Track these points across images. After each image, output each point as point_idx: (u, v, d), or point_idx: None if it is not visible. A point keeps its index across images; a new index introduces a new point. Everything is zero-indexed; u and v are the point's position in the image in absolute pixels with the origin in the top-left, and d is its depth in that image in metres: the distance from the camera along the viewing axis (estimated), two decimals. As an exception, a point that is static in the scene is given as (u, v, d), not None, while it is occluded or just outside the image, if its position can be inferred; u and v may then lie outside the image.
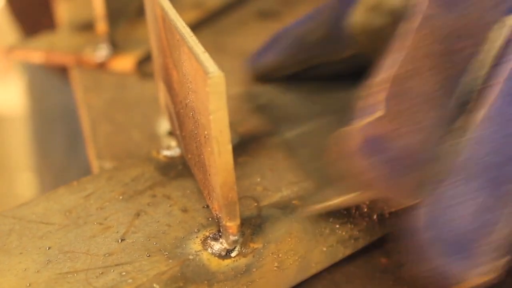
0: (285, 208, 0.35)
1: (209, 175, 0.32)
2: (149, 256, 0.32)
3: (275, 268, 0.33)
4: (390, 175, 0.31)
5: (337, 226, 0.35)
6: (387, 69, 0.33)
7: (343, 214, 0.35)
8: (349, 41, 0.43)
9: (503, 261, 0.30)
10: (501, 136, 0.30)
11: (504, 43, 0.33)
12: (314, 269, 0.35)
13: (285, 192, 0.36)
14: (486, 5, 0.33)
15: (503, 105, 0.31)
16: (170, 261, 0.32)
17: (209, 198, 0.33)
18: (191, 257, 0.32)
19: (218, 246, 0.33)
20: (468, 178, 0.30)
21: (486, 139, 0.31)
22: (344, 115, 0.40)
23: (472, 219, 0.30)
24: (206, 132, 0.30)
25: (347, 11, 0.42)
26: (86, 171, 0.49)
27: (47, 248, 0.33)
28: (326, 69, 0.45)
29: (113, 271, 0.31)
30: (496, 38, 0.32)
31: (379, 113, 0.31)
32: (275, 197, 0.36)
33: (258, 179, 0.37)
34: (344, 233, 0.35)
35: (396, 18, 0.43)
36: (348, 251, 0.36)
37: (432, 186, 0.31)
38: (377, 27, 0.41)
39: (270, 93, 0.46)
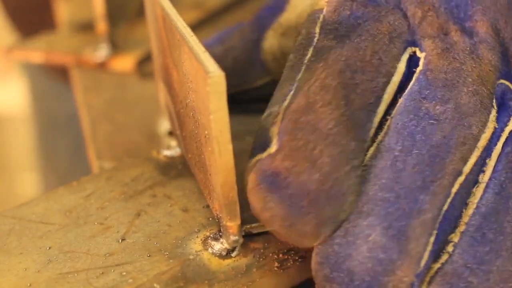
0: None
1: (210, 175, 0.32)
2: (149, 256, 0.32)
3: (275, 268, 0.33)
4: (286, 216, 0.29)
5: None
6: (279, 103, 0.32)
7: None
8: (261, 69, 0.41)
9: None
10: (389, 172, 0.30)
11: (402, 78, 0.32)
12: (314, 269, 0.35)
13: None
14: (380, 40, 0.32)
15: (392, 141, 0.30)
16: (171, 261, 0.32)
17: (210, 198, 0.33)
18: (191, 257, 0.32)
19: (218, 246, 0.32)
20: (359, 217, 0.29)
21: (377, 175, 0.30)
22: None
23: (364, 259, 0.29)
24: (206, 132, 0.30)
25: (257, 38, 0.40)
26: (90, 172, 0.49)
27: (47, 248, 0.33)
28: (242, 95, 0.43)
29: (114, 271, 0.31)
30: (395, 73, 0.32)
31: (272, 149, 0.30)
32: None
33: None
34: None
35: None
36: (348, 251, 0.36)
37: (330, 226, 0.29)
38: (289, 53, 0.38)
39: None
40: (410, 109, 0.31)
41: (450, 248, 0.30)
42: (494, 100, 0.32)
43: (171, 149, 0.40)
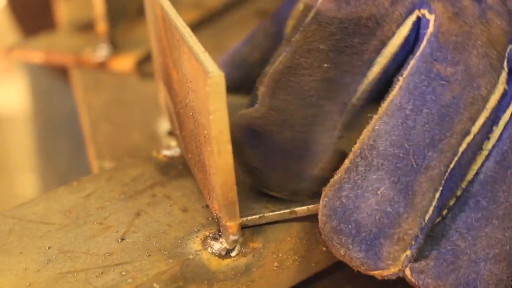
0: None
1: (209, 175, 0.32)
2: (149, 255, 0.32)
3: (275, 268, 0.33)
4: (258, 165, 0.32)
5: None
6: (272, 63, 0.34)
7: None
8: None
9: (405, 254, 0.29)
10: (400, 129, 0.31)
11: (403, 40, 0.33)
12: (314, 268, 0.35)
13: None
14: (380, 3, 0.33)
15: (403, 101, 0.32)
16: (170, 260, 0.32)
17: (209, 198, 0.33)
18: (191, 256, 0.32)
19: (218, 246, 0.33)
20: (368, 170, 0.30)
21: (388, 132, 0.31)
22: None
23: (372, 211, 0.30)
24: (206, 132, 0.30)
25: (279, 30, 0.41)
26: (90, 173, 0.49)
27: (47, 248, 0.33)
28: None
29: (113, 270, 0.31)
30: (394, 36, 0.33)
31: (256, 107, 0.32)
32: None
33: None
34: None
35: None
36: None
37: (333, 177, 0.31)
38: None
39: None
40: (422, 70, 0.32)
41: (444, 211, 0.31)
42: (505, 63, 0.33)
43: (171, 149, 0.40)
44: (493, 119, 0.32)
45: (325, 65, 0.32)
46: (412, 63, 0.32)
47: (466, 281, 0.30)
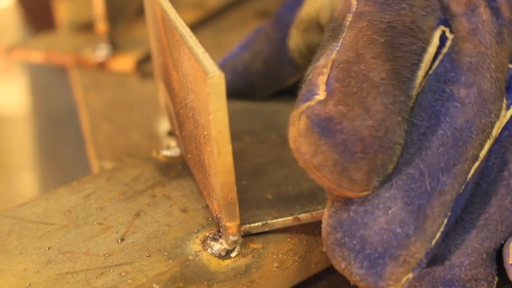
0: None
1: (209, 175, 0.32)
2: (149, 256, 0.32)
3: (275, 268, 0.33)
4: (338, 161, 0.29)
5: (337, 226, 0.35)
6: (325, 57, 0.32)
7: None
8: (291, 68, 0.41)
9: (407, 277, 0.29)
10: (417, 149, 0.30)
11: (434, 52, 0.32)
12: (314, 269, 0.35)
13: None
14: (417, 11, 0.32)
15: (418, 118, 0.31)
16: (170, 261, 0.32)
17: (209, 198, 0.33)
18: (191, 257, 0.32)
19: (218, 246, 0.32)
20: (381, 187, 0.30)
21: (402, 148, 0.30)
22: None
23: (380, 230, 0.29)
24: (206, 132, 0.30)
25: (282, 37, 0.40)
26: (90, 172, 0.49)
27: (47, 248, 0.33)
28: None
29: (113, 271, 0.31)
30: (431, 43, 0.32)
31: (321, 96, 0.30)
32: None
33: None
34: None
35: None
36: (348, 251, 0.36)
37: (381, 175, 0.29)
38: (313, 48, 0.38)
39: None
40: (435, 89, 0.31)
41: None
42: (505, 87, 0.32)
43: (171, 149, 0.40)
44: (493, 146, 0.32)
45: (390, 56, 0.31)
46: (425, 80, 0.32)
47: (443, 281, 0.30)
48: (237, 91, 0.42)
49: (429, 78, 0.32)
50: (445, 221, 0.30)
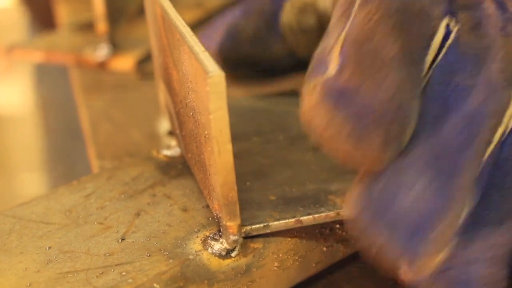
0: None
1: (209, 174, 0.32)
2: (149, 255, 0.32)
3: (275, 268, 0.33)
4: (352, 131, 0.29)
5: (337, 226, 0.35)
6: (335, 36, 0.32)
7: (343, 214, 0.35)
8: (279, 39, 0.43)
9: (439, 257, 0.29)
10: (430, 138, 0.30)
11: (440, 42, 0.32)
12: (314, 269, 0.35)
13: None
14: (423, 0, 0.32)
15: (426, 107, 0.31)
16: (171, 261, 0.32)
17: (209, 197, 0.33)
18: (191, 257, 0.32)
19: (218, 246, 0.32)
20: (412, 163, 0.30)
21: (416, 137, 0.30)
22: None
23: (409, 206, 0.29)
24: (206, 132, 0.30)
25: (276, 10, 0.41)
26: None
27: (47, 248, 0.33)
28: (260, 64, 0.45)
29: (114, 270, 0.31)
30: (437, 32, 0.32)
31: (333, 71, 0.30)
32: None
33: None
34: (344, 233, 0.35)
35: (323, 21, 0.43)
36: (348, 251, 0.35)
37: (395, 148, 0.30)
38: (304, 28, 0.40)
39: None
40: (441, 81, 0.31)
41: None
42: None
43: (171, 149, 0.40)
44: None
45: (401, 37, 0.31)
46: (431, 72, 0.32)
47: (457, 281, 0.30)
48: (224, 50, 0.43)
49: (434, 71, 0.32)
50: (467, 202, 0.30)
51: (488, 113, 0.31)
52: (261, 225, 0.33)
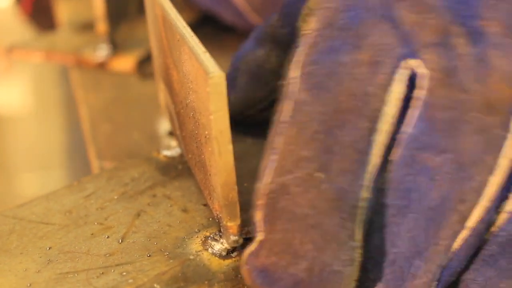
0: None
1: (210, 175, 0.32)
2: (149, 256, 0.32)
3: (275, 268, 0.33)
4: None
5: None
6: (261, 177, 0.29)
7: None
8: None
9: None
10: (389, 234, 0.28)
11: (400, 103, 0.28)
12: (314, 269, 0.35)
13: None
14: (359, 74, 0.28)
15: (390, 198, 0.28)
16: (171, 261, 0.32)
17: (210, 198, 0.33)
18: (191, 257, 0.32)
19: (218, 246, 0.32)
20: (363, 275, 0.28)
21: (374, 232, 0.28)
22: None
23: None
24: (206, 132, 0.30)
25: (291, 33, 0.36)
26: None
27: (48, 248, 0.33)
28: None
29: (114, 271, 0.31)
30: (385, 104, 0.28)
31: (259, 237, 0.28)
32: None
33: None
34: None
35: None
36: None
37: None
38: None
39: None
40: (407, 160, 0.28)
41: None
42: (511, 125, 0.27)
43: (171, 149, 0.40)
44: (505, 190, 0.27)
45: (316, 174, 0.28)
46: (398, 146, 0.28)
47: None
48: (253, 94, 0.39)
49: (402, 142, 0.28)
50: None
51: (454, 202, 0.27)
52: None
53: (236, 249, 0.32)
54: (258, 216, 0.28)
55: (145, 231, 0.34)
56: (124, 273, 0.31)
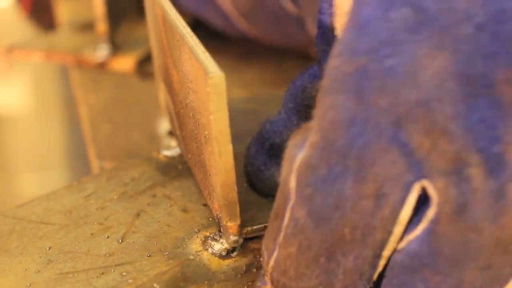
0: None
1: (210, 175, 0.32)
2: (149, 256, 0.32)
3: (275, 268, 0.33)
4: None
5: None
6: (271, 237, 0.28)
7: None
8: None
9: None
10: None
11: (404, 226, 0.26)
12: (314, 269, 0.35)
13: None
14: (362, 207, 0.26)
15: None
16: (171, 261, 0.32)
17: (210, 198, 0.33)
18: (191, 257, 0.32)
19: (218, 246, 0.32)
20: None
21: None
22: None
23: None
24: (206, 132, 0.30)
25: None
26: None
27: (48, 248, 0.33)
28: None
29: (114, 271, 0.31)
30: (391, 234, 0.26)
31: None
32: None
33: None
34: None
35: None
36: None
37: None
38: None
39: None
40: (407, 270, 0.26)
41: None
42: None
43: (171, 149, 0.40)
44: None
45: None
46: (399, 252, 0.26)
47: None
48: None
49: (403, 252, 0.26)
50: None
51: None
52: (261, 225, 0.33)
53: (236, 249, 0.33)
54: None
55: (145, 231, 0.34)
56: (124, 273, 0.31)
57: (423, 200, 0.25)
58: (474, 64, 0.24)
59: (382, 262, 0.27)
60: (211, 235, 0.33)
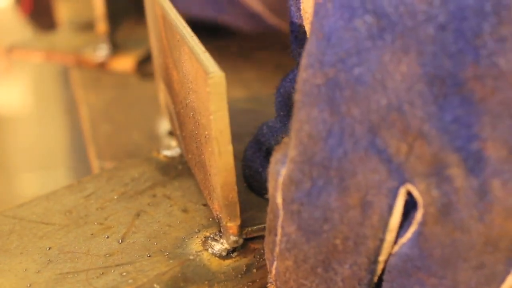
0: None
1: (210, 175, 0.32)
2: (149, 256, 0.32)
3: (275, 268, 0.33)
4: None
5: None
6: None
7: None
8: None
9: None
10: None
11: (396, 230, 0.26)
12: (314, 269, 0.35)
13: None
14: (350, 218, 0.26)
15: None
16: (171, 261, 0.32)
17: (210, 198, 0.33)
18: (191, 257, 0.32)
19: (218, 247, 0.32)
20: None
21: None
22: None
23: None
24: (206, 132, 0.30)
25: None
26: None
27: (48, 248, 0.33)
28: None
29: (114, 271, 0.31)
30: (384, 240, 0.26)
31: None
32: None
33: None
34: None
35: None
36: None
37: None
38: None
39: None
40: (403, 273, 0.26)
41: None
42: None
43: (171, 149, 0.40)
44: None
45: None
46: (394, 255, 0.26)
47: None
48: None
49: (396, 256, 0.26)
50: None
51: None
52: (262, 226, 0.33)
53: (236, 249, 0.32)
54: None
55: (145, 231, 0.34)
56: (124, 274, 0.31)
57: (414, 204, 0.25)
58: (440, 64, 0.24)
59: (379, 267, 0.27)
60: (211, 235, 0.33)
